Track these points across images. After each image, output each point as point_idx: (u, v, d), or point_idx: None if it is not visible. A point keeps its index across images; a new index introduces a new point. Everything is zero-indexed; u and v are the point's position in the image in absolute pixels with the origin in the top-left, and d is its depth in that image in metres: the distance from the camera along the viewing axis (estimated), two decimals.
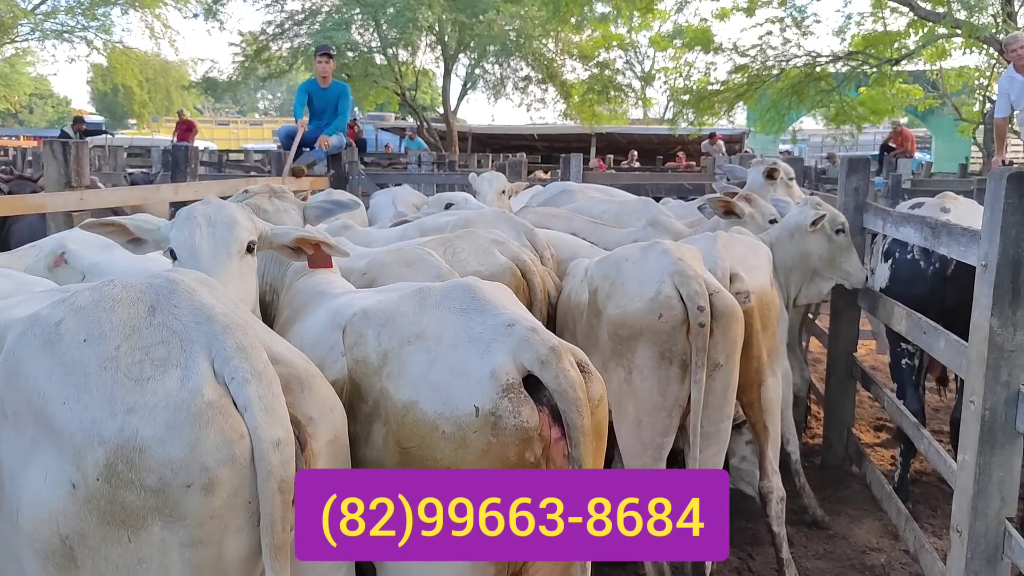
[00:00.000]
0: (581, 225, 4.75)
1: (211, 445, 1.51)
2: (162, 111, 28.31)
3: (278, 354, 1.71)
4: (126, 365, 1.54)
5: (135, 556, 1.51)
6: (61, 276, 3.10)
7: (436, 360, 1.82)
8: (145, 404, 1.50)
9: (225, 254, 2.41)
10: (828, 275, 4.31)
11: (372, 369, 1.91)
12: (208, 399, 1.53)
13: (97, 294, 1.64)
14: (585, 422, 1.77)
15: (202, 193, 5.81)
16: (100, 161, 12.14)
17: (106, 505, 1.49)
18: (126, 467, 1.48)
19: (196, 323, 1.61)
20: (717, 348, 2.86)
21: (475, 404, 1.75)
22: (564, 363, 1.79)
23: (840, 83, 17.57)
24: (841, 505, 4.45)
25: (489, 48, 21.28)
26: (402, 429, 1.81)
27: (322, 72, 8.31)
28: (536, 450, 1.76)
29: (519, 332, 1.82)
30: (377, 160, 15.82)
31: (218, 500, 1.52)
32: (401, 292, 2.09)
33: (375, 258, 3.06)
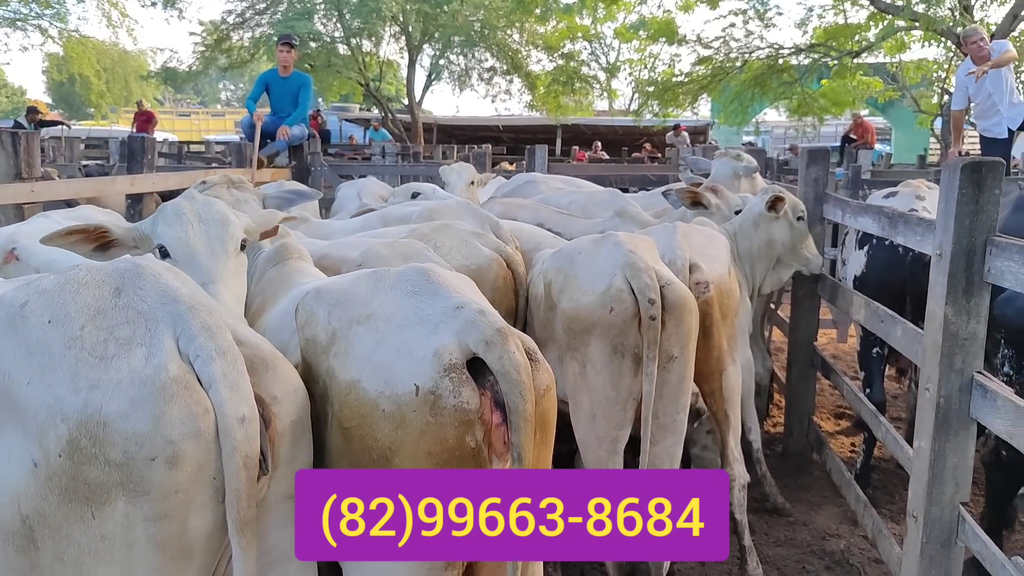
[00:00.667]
0: (548, 215, 4.74)
1: (175, 418, 1.51)
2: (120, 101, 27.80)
3: (243, 336, 1.73)
4: (91, 344, 1.54)
5: (98, 533, 1.51)
6: (12, 273, 3.00)
7: (383, 340, 1.80)
8: (109, 380, 1.51)
9: (223, 252, 2.40)
10: (789, 262, 4.38)
11: (320, 348, 1.89)
12: (173, 375, 1.54)
13: (62, 278, 1.65)
14: (527, 407, 1.74)
15: (159, 185, 5.71)
16: (55, 152, 11.88)
17: (68, 482, 1.49)
18: (89, 442, 1.48)
19: (161, 304, 1.62)
20: (671, 340, 2.86)
21: (415, 383, 1.72)
22: (509, 345, 1.77)
23: (802, 75, 17.78)
24: (802, 492, 4.50)
25: (454, 39, 21.15)
26: (344, 408, 1.78)
27: (283, 62, 8.21)
28: (477, 434, 1.73)
29: (466, 314, 1.80)
30: (341, 151, 15.66)
31: (182, 474, 1.52)
32: (357, 274, 2.08)
33: (370, 249, 3.01)
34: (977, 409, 2.58)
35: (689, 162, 7.11)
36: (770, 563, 3.78)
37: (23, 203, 4.50)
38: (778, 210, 4.18)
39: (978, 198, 2.53)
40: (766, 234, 4.23)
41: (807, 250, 4.39)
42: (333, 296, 1.96)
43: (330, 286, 2.02)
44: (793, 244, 4.31)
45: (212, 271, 2.33)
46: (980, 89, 7.78)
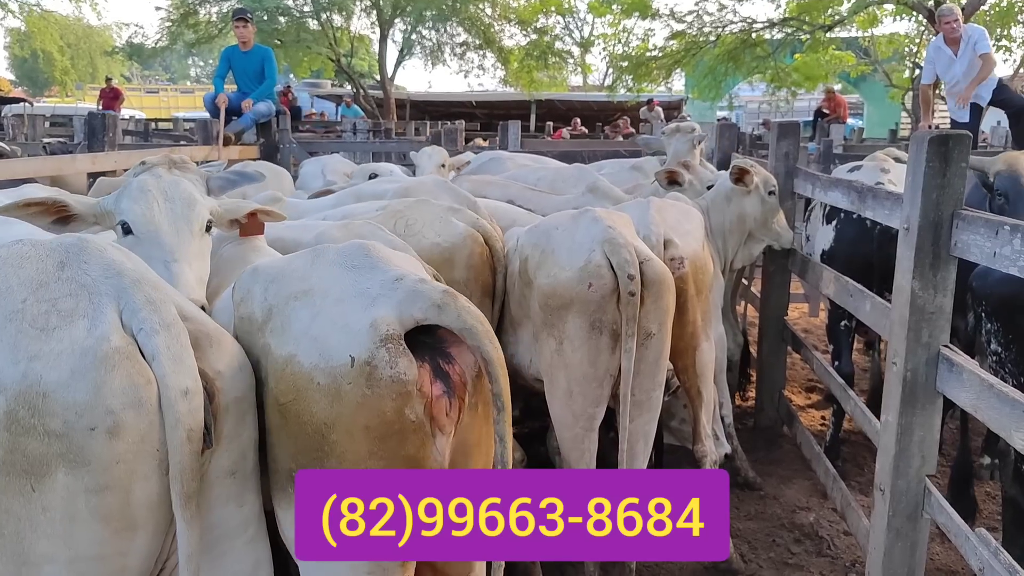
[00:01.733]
0: (518, 192, 4.67)
1: (116, 388, 1.52)
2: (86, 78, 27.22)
3: (188, 312, 1.73)
4: (32, 316, 1.54)
5: (39, 505, 1.50)
6: None
7: (319, 314, 1.77)
8: (50, 352, 1.51)
9: (188, 231, 2.36)
10: (760, 236, 4.38)
11: (256, 325, 1.86)
12: (115, 345, 1.54)
13: (5, 252, 1.64)
14: (499, 354, 1.73)
15: (122, 163, 5.58)
16: (15, 131, 11.61)
17: (6, 455, 1.48)
18: (28, 413, 1.48)
19: (105, 277, 1.63)
20: (649, 317, 2.83)
21: (350, 354, 1.68)
22: (461, 301, 1.76)
23: (775, 49, 17.79)
24: (772, 466, 4.53)
25: (425, 13, 20.90)
26: (279, 383, 1.75)
27: (241, 37, 8.03)
28: (416, 407, 1.69)
29: (407, 284, 1.78)
30: (312, 128, 15.45)
31: (123, 444, 1.52)
32: (298, 252, 2.04)
33: (324, 232, 2.94)
34: (943, 383, 2.58)
35: (640, 142, 7.10)
36: (740, 537, 3.81)
37: None
38: (747, 183, 4.17)
39: (945, 171, 2.52)
40: (737, 208, 4.23)
41: (778, 224, 4.39)
42: (270, 273, 1.92)
43: (267, 263, 1.99)
44: (764, 218, 4.31)
45: (175, 250, 2.29)
46: (949, 69, 7.78)
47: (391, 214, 3.23)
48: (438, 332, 1.76)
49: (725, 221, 4.24)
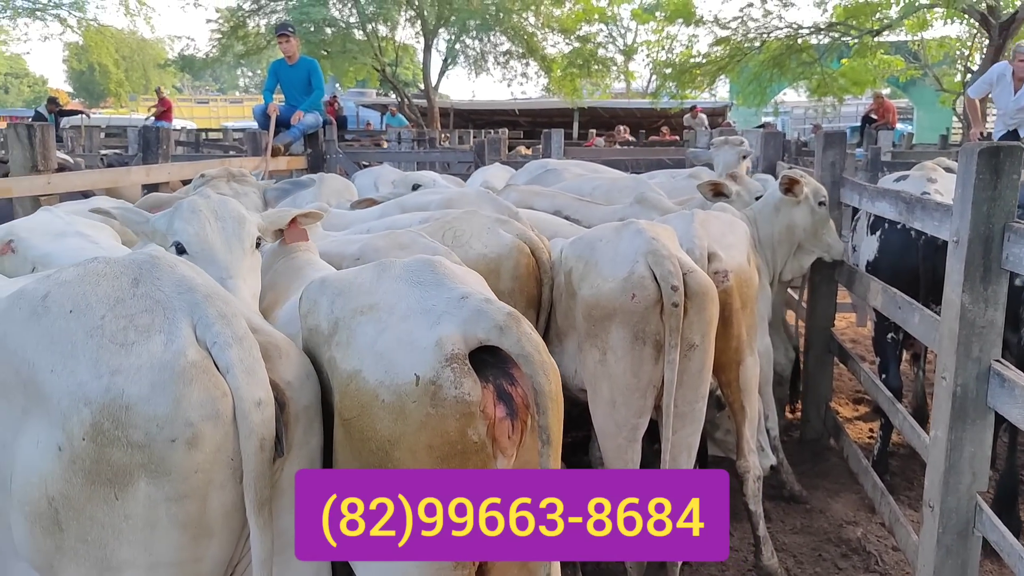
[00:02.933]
0: (565, 202, 4.69)
1: (195, 401, 1.57)
2: (139, 90, 27.92)
3: (257, 324, 1.79)
4: (111, 332, 1.60)
5: (122, 513, 1.56)
6: (8, 264, 3.01)
7: (385, 330, 1.77)
8: (130, 366, 1.57)
9: (240, 249, 2.42)
10: (810, 248, 4.33)
11: (323, 338, 1.88)
12: (191, 359, 1.59)
13: (82, 269, 1.71)
14: (552, 387, 1.72)
15: (175, 175, 5.73)
16: (74, 142, 11.96)
17: (92, 464, 1.54)
18: (112, 425, 1.54)
19: (178, 293, 1.68)
20: (692, 328, 2.83)
21: (416, 372, 1.69)
22: (524, 327, 1.75)
23: (821, 54, 17.57)
24: (819, 479, 4.47)
25: (469, 23, 21.04)
26: (344, 399, 1.76)
27: (285, 51, 8.19)
28: (479, 429, 1.70)
29: (472, 303, 1.77)
30: (357, 137, 15.67)
31: (202, 455, 1.58)
32: (364, 265, 2.06)
33: (368, 243, 2.99)
34: (995, 398, 2.54)
35: (690, 155, 7.07)
36: (786, 551, 3.77)
37: (39, 195, 4.54)
38: (796, 193, 4.13)
39: (996, 183, 2.48)
40: (787, 219, 4.19)
41: (828, 235, 4.33)
42: (337, 286, 1.94)
43: (335, 276, 2.01)
44: (814, 229, 4.26)
45: (230, 267, 2.35)
46: (1006, 98, 7.59)
47: (440, 225, 3.25)
48: (502, 352, 1.75)
49: (773, 232, 4.20)
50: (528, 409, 1.74)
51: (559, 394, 1.76)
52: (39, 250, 3.05)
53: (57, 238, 3.12)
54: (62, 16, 22.90)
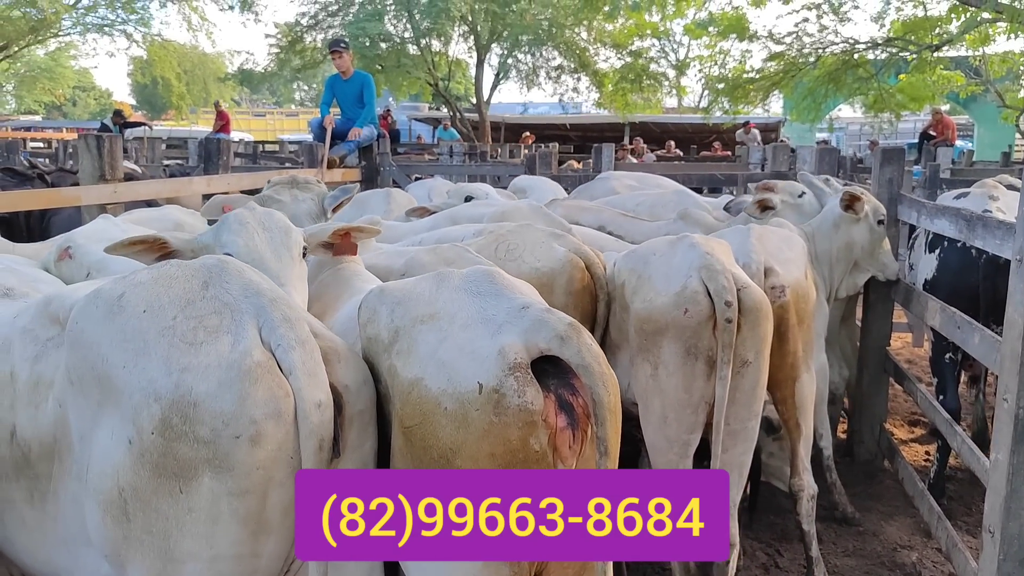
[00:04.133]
0: (610, 218, 4.70)
1: (259, 400, 1.63)
2: (200, 103, 28.66)
3: (317, 329, 1.84)
4: (182, 332, 1.67)
5: (186, 506, 1.62)
6: (65, 270, 3.11)
7: (446, 339, 1.80)
8: (199, 364, 1.63)
9: (288, 258, 2.47)
10: (866, 266, 4.29)
11: (383, 346, 1.91)
12: (257, 360, 1.65)
13: (156, 272, 1.81)
14: (611, 399, 1.72)
15: (234, 185, 5.88)
16: (137, 153, 12.33)
17: (159, 458, 1.61)
18: (180, 420, 1.61)
19: (245, 296, 1.75)
20: (746, 344, 2.80)
21: (479, 381, 1.70)
22: (585, 338, 1.76)
23: (879, 70, 17.24)
24: (872, 501, 4.39)
25: (522, 38, 21.16)
26: (405, 407, 1.78)
27: (339, 67, 8.36)
28: (541, 437, 1.70)
29: (533, 313, 1.79)
30: (410, 151, 15.86)
31: (264, 452, 1.63)
32: (421, 276, 2.09)
33: (414, 257, 3.02)
34: None
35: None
36: (838, 574, 3.71)
37: (106, 203, 4.69)
38: (857, 211, 4.08)
39: None
40: (846, 236, 4.15)
41: (883, 255, 4.28)
42: (396, 295, 1.96)
43: (394, 286, 2.04)
44: (872, 248, 4.21)
45: (280, 275, 2.38)
46: None
47: (494, 238, 3.27)
48: (563, 363, 1.76)
49: (832, 248, 4.16)
50: (589, 419, 1.74)
51: (618, 406, 1.76)
52: (95, 256, 3.15)
53: None
54: (128, 31, 23.63)
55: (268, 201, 3.33)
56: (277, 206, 3.27)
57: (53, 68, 31.29)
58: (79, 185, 4.97)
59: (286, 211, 3.22)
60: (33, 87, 32.01)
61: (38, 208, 5.03)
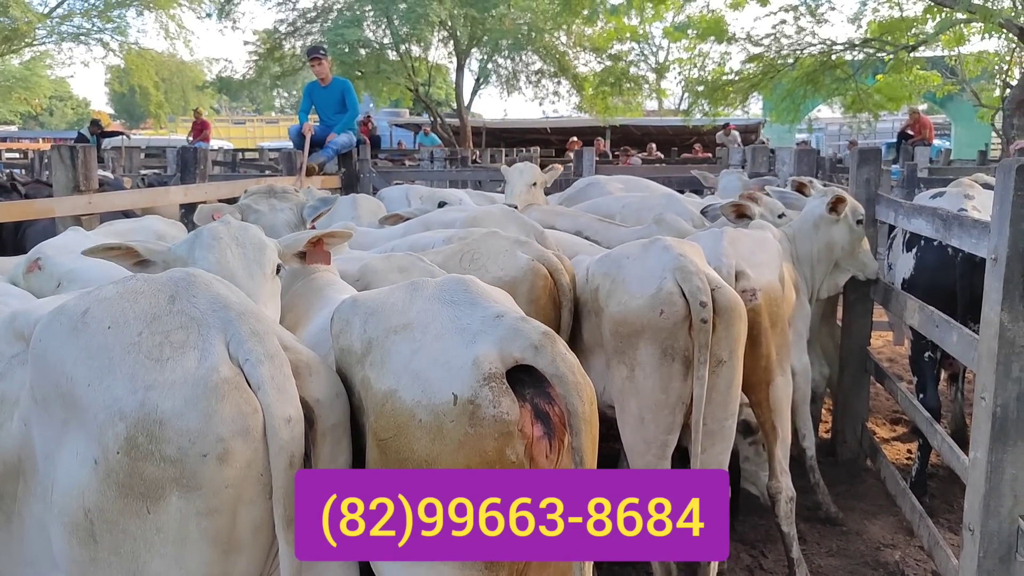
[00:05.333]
0: (586, 223, 4.70)
1: (226, 417, 1.59)
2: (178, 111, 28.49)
3: (287, 342, 1.80)
4: (147, 348, 1.64)
5: (154, 526, 1.59)
6: (34, 282, 3.08)
7: (420, 350, 1.78)
8: (164, 381, 1.60)
9: (260, 275, 2.44)
10: (846, 266, 4.32)
11: (356, 358, 1.88)
12: (224, 376, 1.62)
13: (121, 287, 1.76)
14: (586, 407, 1.71)
15: (212, 195, 5.83)
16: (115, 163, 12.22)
17: (125, 478, 1.58)
18: (146, 439, 1.57)
19: (213, 310, 1.71)
20: (720, 344, 2.82)
21: (453, 392, 1.69)
22: (559, 347, 1.74)
23: (856, 70, 17.37)
24: (855, 501, 4.40)
25: (501, 42, 21.17)
26: (379, 419, 1.76)
27: (318, 74, 8.33)
28: (517, 448, 1.69)
29: (508, 322, 1.77)
30: (391, 157, 15.81)
31: (232, 470, 1.60)
32: (395, 285, 2.06)
33: (368, 264, 3.01)
34: None
35: (698, 175, 7.07)
36: (822, 574, 3.71)
37: (81, 215, 4.64)
38: (839, 212, 4.12)
39: None
40: (826, 237, 4.19)
41: (863, 254, 4.32)
42: (370, 305, 1.94)
43: (366, 296, 2.02)
44: (852, 248, 4.25)
45: (252, 293, 2.35)
46: None
47: (459, 247, 3.26)
48: (538, 372, 1.75)
49: (813, 249, 4.19)
50: (566, 428, 1.73)
51: (594, 415, 1.74)
52: (64, 267, 3.13)
53: (82, 256, 3.19)
54: (105, 40, 23.43)
55: (246, 211, 3.30)
56: (255, 216, 3.25)
57: (28, 78, 30.95)
58: (53, 197, 4.91)
59: (264, 221, 3.20)
60: (8, 97, 31.67)
61: (11, 220, 4.96)
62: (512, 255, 3.15)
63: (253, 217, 3.22)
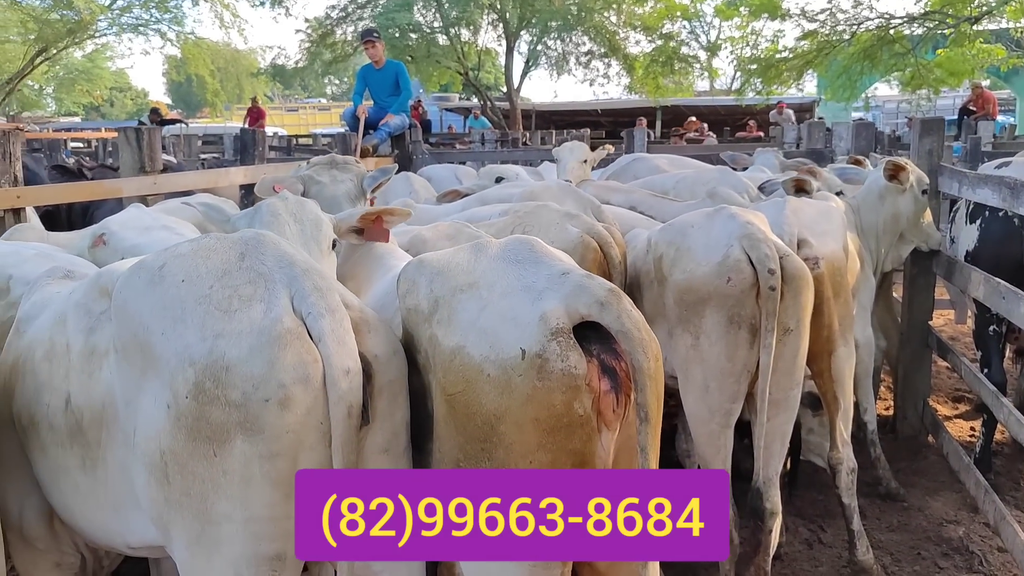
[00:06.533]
0: (641, 198, 4.67)
1: (288, 364, 1.66)
2: (233, 99, 29.00)
3: (349, 300, 1.87)
4: (217, 300, 1.73)
5: (220, 468, 1.67)
6: (99, 256, 3.19)
7: (486, 307, 1.80)
8: (232, 330, 1.69)
9: (317, 251, 2.51)
10: (910, 237, 4.27)
11: (423, 316, 1.91)
12: (287, 327, 1.69)
13: (195, 244, 1.87)
14: (651, 364, 1.71)
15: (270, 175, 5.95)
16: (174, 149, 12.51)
17: (194, 422, 1.66)
18: (213, 384, 1.66)
19: (279, 267, 1.80)
20: (787, 313, 2.79)
21: (521, 347, 1.71)
22: (625, 303, 1.75)
23: (915, 45, 16.91)
24: (916, 477, 4.34)
25: (551, 24, 21.07)
26: (448, 374, 1.79)
27: (372, 56, 8.41)
28: (585, 402, 1.71)
29: (574, 279, 1.79)
30: (441, 141, 15.89)
31: (292, 416, 1.67)
32: (458, 247, 2.08)
33: (416, 235, 3.05)
34: None
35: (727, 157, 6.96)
36: (882, 548, 3.67)
37: (147, 195, 4.78)
38: (902, 180, 4.06)
39: None
40: (892, 208, 4.14)
41: (928, 225, 4.27)
42: (435, 265, 1.97)
43: (432, 256, 2.04)
44: (916, 218, 4.19)
45: None
46: None
47: (511, 220, 3.29)
48: (604, 329, 1.75)
49: (878, 221, 4.14)
50: (632, 383, 1.73)
51: (659, 372, 1.75)
52: (128, 242, 3.24)
53: (145, 231, 3.33)
54: (162, 30, 23.96)
55: (308, 182, 3.37)
56: (316, 187, 3.31)
57: (90, 70, 31.81)
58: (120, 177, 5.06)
59: (325, 192, 3.27)
60: (72, 89, 32.59)
61: (81, 200, 5.14)
62: (563, 228, 3.17)
63: (315, 188, 3.29)
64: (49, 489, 2.13)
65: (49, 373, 2.05)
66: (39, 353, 2.11)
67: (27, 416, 2.09)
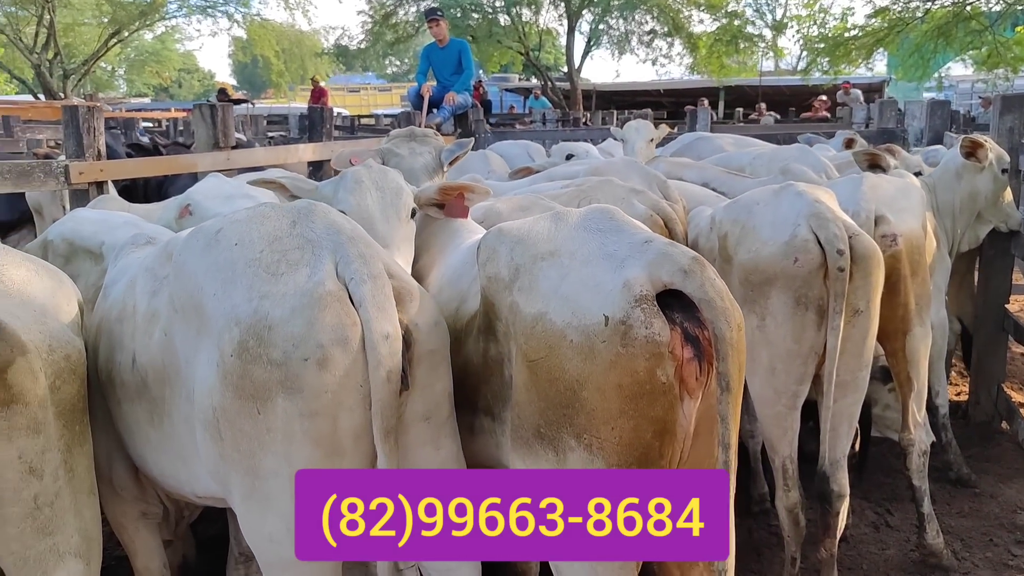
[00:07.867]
0: (714, 175, 4.62)
1: (327, 325, 1.71)
2: (297, 80, 29.42)
3: (393, 269, 1.91)
4: (266, 263, 1.80)
5: (264, 426, 1.73)
6: (186, 226, 3.29)
7: (568, 275, 1.80)
8: (277, 292, 1.75)
9: (396, 218, 2.56)
10: (988, 217, 4.15)
11: (503, 284, 1.93)
12: (328, 289, 1.75)
13: (252, 212, 1.95)
14: (733, 334, 1.69)
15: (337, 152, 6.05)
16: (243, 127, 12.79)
17: (239, 380, 1.72)
18: (256, 343, 1.71)
19: (327, 234, 1.85)
20: (857, 293, 2.73)
21: (604, 313, 1.71)
22: (709, 272, 1.74)
23: (993, 22, 16.27)
24: (988, 463, 4.24)
25: (613, 2, 20.88)
26: (530, 341, 1.80)
27: (436, 35, 8.46)
28: (668, 369, 1.70)
29: (656, 247, 1.78)
30: (502, 121, 15.90)
31: (331, 376, 1.71)
32: (537, 216, 2.09)
33: (490, 207, 3.07)
34: None
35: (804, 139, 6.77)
36: (953, 534, 3.61)
37: (221, 170, 4.91)
38: (980, 158, 3.93)
39: None
40: (969, 186, 4.02)
41: (1008, 204, 4.13)
42: (515, 234, 1.97)
43: (512, 225, 2.05)
44: (995, 198, 4.06)
45: (387, 236, 2.48)
46: None
47: (575, 194, 3.28)
48: (687, 297, 1.74)
49: (955, 200, 4.03)
50: (714, 351, 1.72)
51: (741, 341, 1.74)
52: (213, 211, 3.36)
53: (228, 200, 3.46)
54: (229, 12, 24.49)
55: (387, 154, 3.42)
56: (395, 159, 3.36)
57: (160, 51, 32.62)
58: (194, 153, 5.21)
59: (404, 164, 3.31)
60: (142, 70, 33.50)
61: (158, 175, 5.30)
62: (627, 204, 3.15)
63: (394, 161, 3.34)
64: (128, 442, 2.24)
65: (120, 333, 2.16)
66: (114, 315, 2.22)
67: (105, 374, 2.21)
